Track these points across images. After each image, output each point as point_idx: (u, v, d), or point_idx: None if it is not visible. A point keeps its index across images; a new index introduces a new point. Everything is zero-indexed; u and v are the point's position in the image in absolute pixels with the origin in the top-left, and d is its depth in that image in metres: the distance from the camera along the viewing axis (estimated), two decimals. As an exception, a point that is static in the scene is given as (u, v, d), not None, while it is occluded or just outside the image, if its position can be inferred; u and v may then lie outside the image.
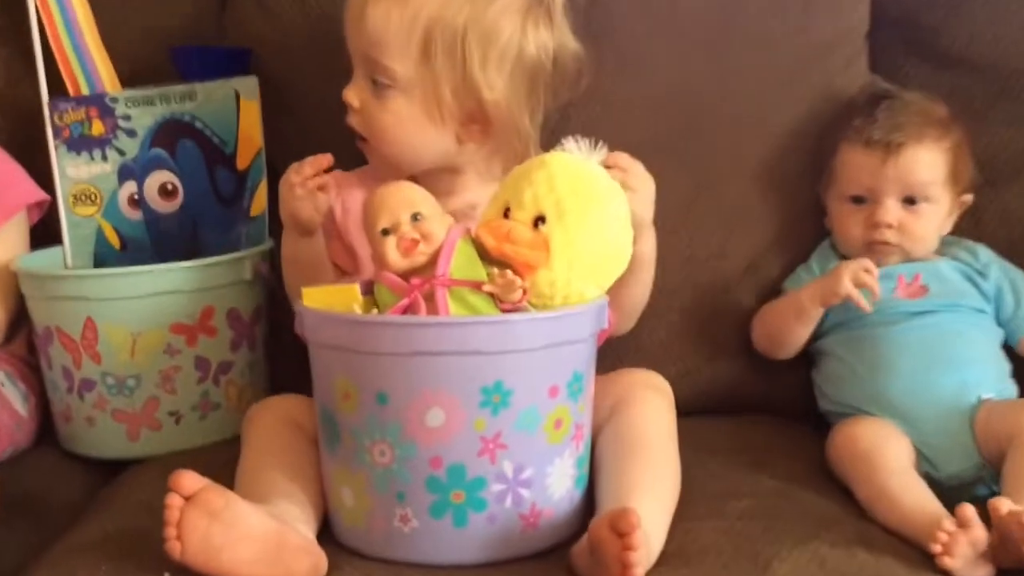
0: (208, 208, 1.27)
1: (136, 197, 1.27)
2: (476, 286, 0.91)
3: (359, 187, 1.14)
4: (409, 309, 0.90)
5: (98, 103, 1.25)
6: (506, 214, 0.94)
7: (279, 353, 1.27)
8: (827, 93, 1.30)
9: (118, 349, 1.12)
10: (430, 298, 0.91)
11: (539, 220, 0.92)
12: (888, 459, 1.04)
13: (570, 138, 0.96)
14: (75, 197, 1.25)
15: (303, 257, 1.10)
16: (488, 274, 0.92)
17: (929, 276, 1.20)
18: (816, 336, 1.23)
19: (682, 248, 1.25)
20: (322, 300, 0.94)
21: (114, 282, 1.12)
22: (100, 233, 1.26)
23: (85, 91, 1.26)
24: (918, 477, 1.03)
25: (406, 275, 0.93)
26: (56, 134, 1.24)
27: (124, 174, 1.26)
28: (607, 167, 1.00)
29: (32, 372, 1.23)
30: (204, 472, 1.10)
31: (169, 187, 1.27)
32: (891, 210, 1.19)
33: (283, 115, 1.29)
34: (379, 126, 1.07)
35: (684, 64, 1.29)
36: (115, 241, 1.27)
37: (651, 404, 1.02)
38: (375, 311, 0.91)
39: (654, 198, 1.06)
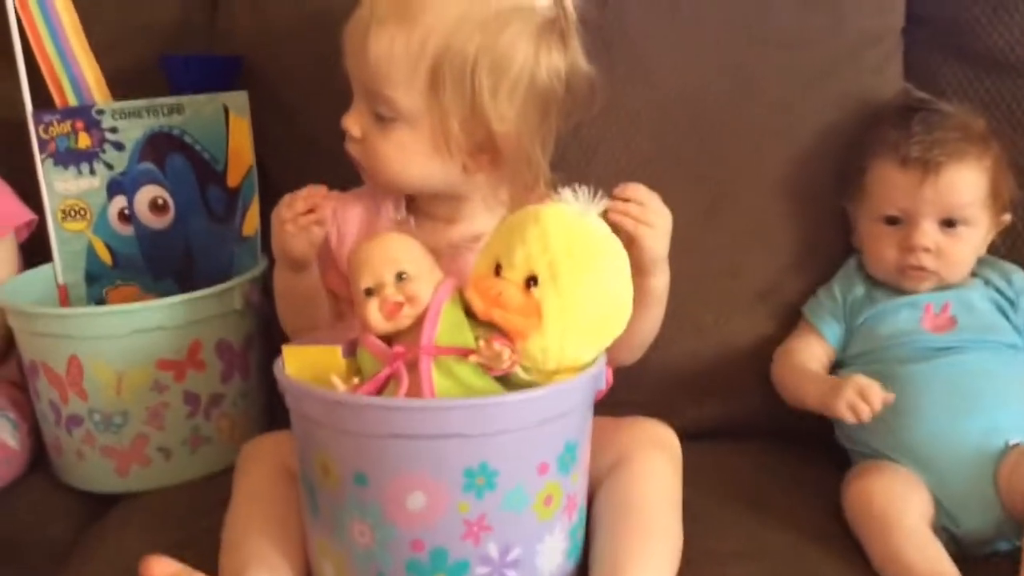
0: (200, 225, 1.23)
1: (127, 212, 1.22)
2: (463, 354, 0.85)
3: (356, 210, 1.08)
4: (391, 379, 0.85)
5: (84, 116, 1.19)
6: (497, 270, 0.88)
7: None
8: (858, 98, 1.21)
9: (104, 386, 1.09)
10: (414, 367, 0.85)
11: (531, 280, 0.86)
12: (904, 518, 0.98)
13: (568, 189, 0.89)
14: (64, 212, 1.21)
15: (296, 292, 1.05)
16: (476, 339, 0.87)
17: (959, 306, 1.12)
18: (837, 363, 1.17)
19: (693, 268, 1.17)
20: (303, 362, 0.90)
21: (97, 320, 1.08)
22: (91, 249, 1.23)
23: (72, 100, 1.21)
24: (934, 539, 0.97)
25: (390, 338, 0.89)
26: (42, 148, 1.19)
27: (114, 189, 1.22)
28: (623, 199, 0.95)
29: (24, 396, 1.20)
30: (192, 512, 1.10)
31: (160, 202, 1.22)
32: (928, 233, 1.11)
33: (277, 122, 1.23)
34: (382, 157, 1.00)
35: (698, 68, 1.20)
36: (106, 257, 1.23)
37: (654, 466, 0.96)
38: (356, 379, 0.86)
39: (671, 231, 0.99)
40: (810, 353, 1.17)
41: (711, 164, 1.19)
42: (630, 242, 0.93)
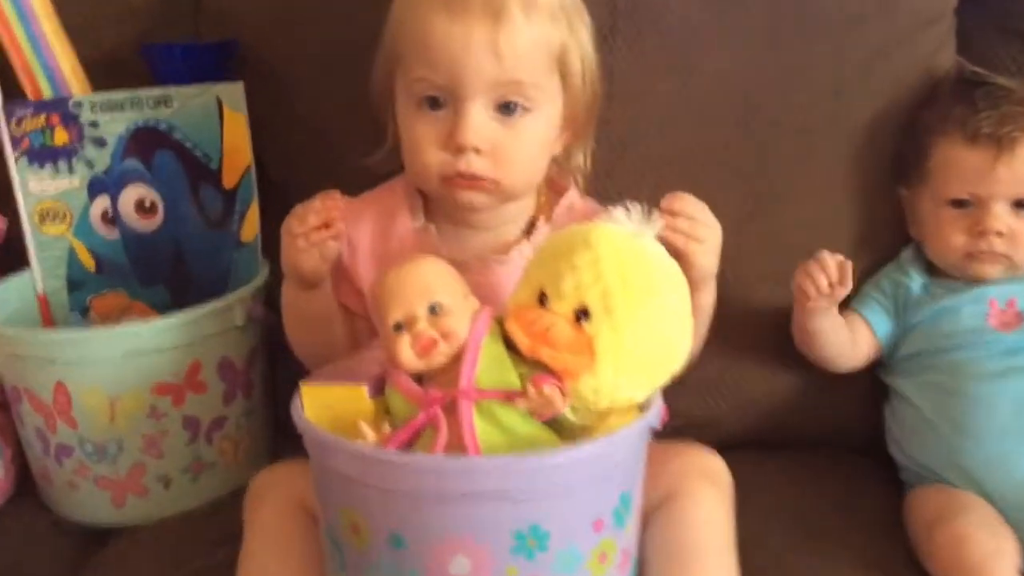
0: (192, 229, 1.12)
1: (110, 214, 1.12)
2: (507, 398, 0.76)
3: (367, 217, 0.98)
4: (427, 426, 0.76)
5: (60, 108, 1.09)
6: (541, 299, 0.79)
7: (280, 388, 1.13)
8: (912, 84, 1.12)
9: (95, 414, 0.99)
10: (452, 410, 0.76)
11: (581, 313, 0.77)
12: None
13: (619, 207, 0.80)
14: (41, 215, 1.11)
15: (307, 310, 0.96)
16: (520, 377, 0.78)
17: None
18: (888, 368, 1.09)
19: (736, 272, 1.07)
20: (324, 402, 0.80)
21: (85, 344, 0.98)
22: (72, 254, 1.13)
23: (47, 92, 1.10)
24: None
25: (420, 375, 0.80)
26: (14, 145, 1.08)
27: (95, 188, 1.12)
28: (671, 213, 0.86)
29: (6, 416, 1.09)
30: (196, 546, 1.01)
31: (147, 203, 1.12)
32: (1001, 216, 1.02)
33: (277, 115, 1.13)
34: (521, 156, 0.90)
35: (740, 54, 1.09)
36: (89, 262, 1.13)
37: (706, 502, 0.88)
38: (387, 427, 0.77)
39: (720, 245, 0.91)
40: (853, 333, 1.09)
41: (755, 159, 1.10)
42: (678, 259, 0.84)
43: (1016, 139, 1.01)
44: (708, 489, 0.90)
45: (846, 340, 1.08)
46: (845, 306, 1.10)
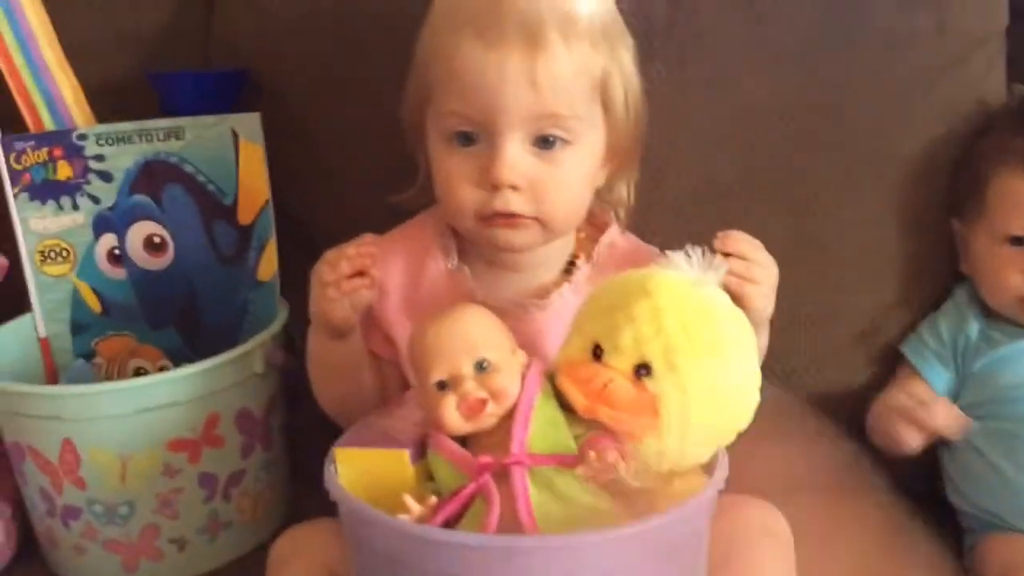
0: (205, 267, 1.05)
1: (117, 252, 1.05)
2: (564, 464, 0.70)
3: (399, 258, 0.91)
4: (477, 495, 0.70)
5: (63, 141, 1.02)
6: (595, 352, 0.73)
7: (300, 432, 1.07)
8: (964, 108, 1.06)
9: (105, 474, 0.91)
10: (503, 477, 0.70)
11: (642, 368, 0.70)
12: None
13: (679, 252, 0.73)
14: (43, 254, 1.04)
15: (335, 360, 0.89)
16: (576, 439, 0.71)
17: None
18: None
19: (783, 309, 1.02)
20: (361, 468, 0.74)
21: (95, 400, 0.90)
22: (76, 295, 1.06)
23: (48, 123, 1.03)
24: None
25: (464, 437, 0.73)
26: (14, 180, 1.02)
27: (101, 226, 1.05)
28: (724, 254, 0.79)
29: (6, 472, 1.02)
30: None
31: (156, 240, 1.05)
32: None
33: (293, 147, 1.06)
34: (562, 191, 0.84)
35: (784, 77, 1.04)
36: (95, 304, 1.06)
37: (769, 561, 0.82)
38: (433, 498, 0.70)
39: (776, 286, 0.84)
40: (909, 397, 1.03)
41: (801, 187, 1.04)
42: (732, 300, 0.78)
43: None
44: (770, 548, 0.83)
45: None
46: (899, 357, 1.06)
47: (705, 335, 0.70)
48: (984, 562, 0.94)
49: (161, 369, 1.05)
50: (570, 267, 0.91)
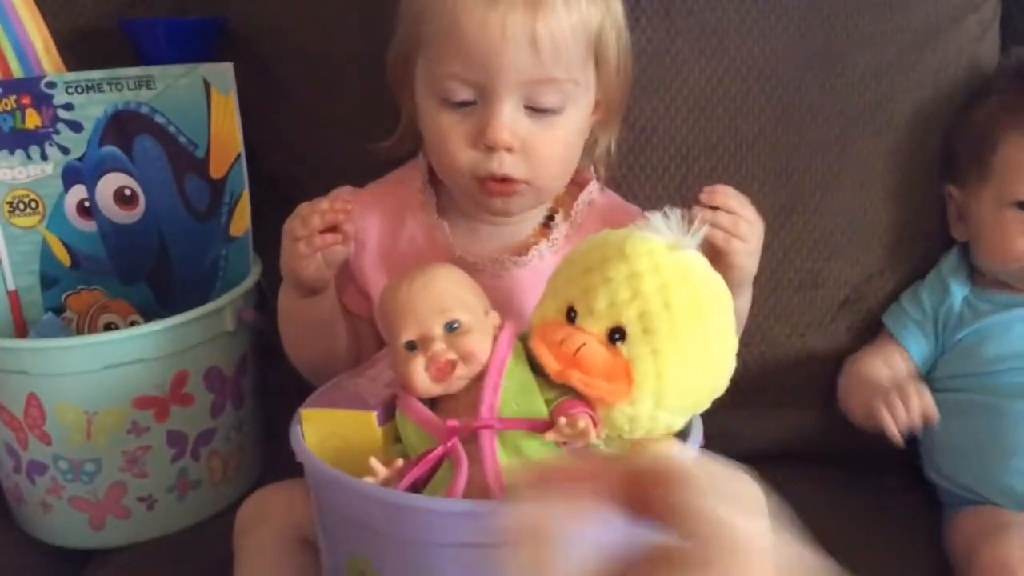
0: (177, 221, 1.03)
1: (87, 204, 1.02)
2: (535, 429, 0.68)
3: (378, 211, 0.89)
4: (445, 459, 0.68)
5: (32, 89, 0.99)
6: (570, 315, 0.71)
7: (272, 392, 1.05)
8: (956, 72, 1.04)
9: (71, 430, 0.90)
10: (471, 441, 0.68)
11: (616, 333, 0.68)
12: None
13: (657, 213, 0.71)
14: (11, 205, 1.01)
15: (307, 317, 0.87)
16: (547, 403, 0.69)
17: None
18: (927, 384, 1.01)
19: (767, 276, 1.01)
20: (328, 429, 0.72)
21: (62, 355, 0.88)
22: (46, 247, 1.03)
23: (16, 70, 1.00)
24: None
25: (434, 399, 0.71)
26: (-20, 129, 0.98)
27: (70, 177, 1.02)
28: (711, 207, 0.79)
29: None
30: (180, 573, 0.93)
31: (127, 192, 1.03)
32: None
33: (268, 99, 1.03)
34: (550, 155, 0.83)
35: (775, 37, 1.00)
36: (64, 257, 1.03)
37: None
38: (399, 461, 0.68)
39: (761, 245, 0.83)
40: (887, 364, 1.01)
41: (788, 152, 1.01)
42: (716, 258, 0.76)
43: None
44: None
45: None
46: (880, 326, 1.04)
47: (682, 300, 0.68)
48: (954, 535, 0.93)
49: (132, 324, 1.03)
50: (548, 221, 0.90)
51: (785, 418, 1.05)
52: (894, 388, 0.95)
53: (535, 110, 0.80)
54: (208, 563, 0.89)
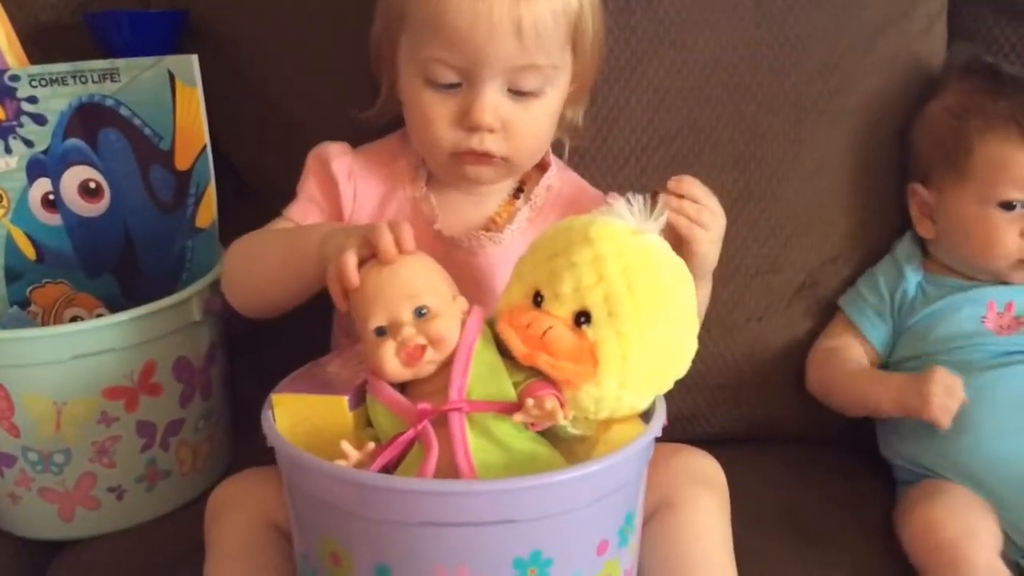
0: (143, 213, 1.03)
1: (52, 197, 1.02)
2: (503, 410, 0.70)
3: (379, 179, 0.92)
4: (415, 442, 0.70)
5: (-6, 82, 0.98)
6: (536, 299, 0.72)
7: (242, 382, 1.06)
8: (905, 62, 1.07)
9: (39, 421, 0.90)
10: (441, 424, 0.70)
11: (581, 316, 0.70)
12: (977, 554, 0.87)
13: (619, 197, 0.73)
14: (-26, 199, 1.01)
15: (297, 274, 0.83)
16: (515, 386, 0.71)
17: None
18: (882, 367, 1.05)
19: (725, 262, 1.02)
20: (299, 414, 0.73)
21: (30, 346, 0.88)
22: (10, 241, 1.03)
23: (-23, 64, 1.00)
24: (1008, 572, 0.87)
25: (405, 384, 0.73)
26: (-57, 123, 0.98)
27: (35, 170, 1.02)
28: (677, 195, 0.81)
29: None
30: (151, 562, 0.93)
31: (92, 185, 1.03)
32: None
33: (232, 90, 1.04)
34: (531, 135, 0.87)
35: (732, 31, 1.04)
36: (29, 251, 1.03)
37: (702, 509, 0.83)
38: (370, 444, 0.70)
39: (723, 236, 0.86)
40: (852, 355, 1.04)
41: (745, 141, 1.04)
42: (679, 245, 0.79)
43: None
44: (705, 495, 0.85)
45: None
46: (837, 308, 1.07)
47: (645, 284, 0.70)
48: (902, 504, 0.96)
49: (98, 317, 1.03)
50: (517, 193, 0.93)
51: (746, 402, 1.08)
52: (939, 385, 0.93)
53: (517, 93, 0.84)
54: (178, 553, 0.90)
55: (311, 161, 0.93)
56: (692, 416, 1.04)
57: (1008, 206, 0.98)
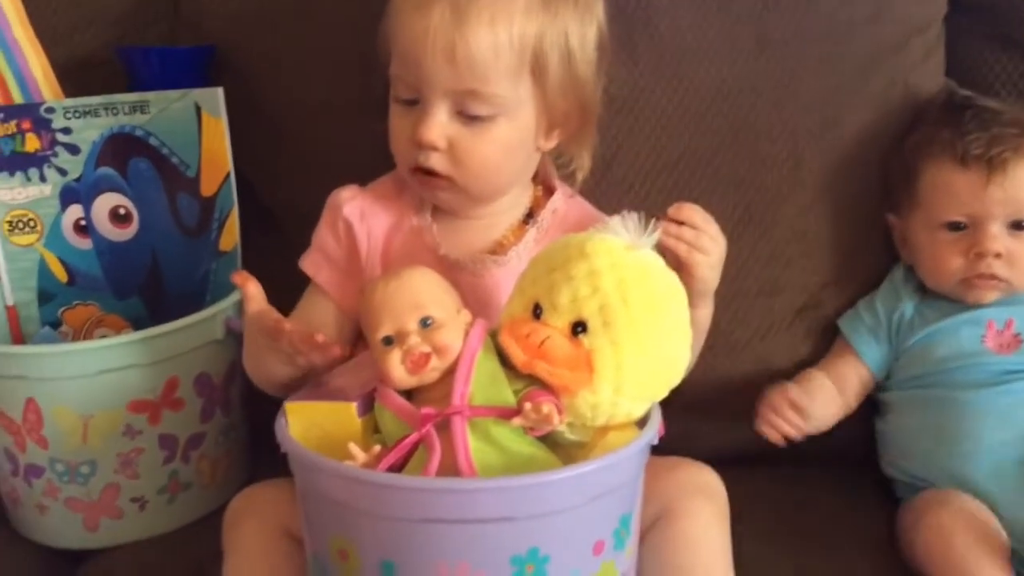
0: (169, 238, 1.08)
1: (83, 223, 1.08)
2: (503, 415, 0.73)
3: (383, 213, 0.95)
4: (420, 445, 0.73)
5: (32, 114, 1.05)
6: (535, 311, 0.76)
7: (258, 404, 1.09)
8: (902, 94, 1.11)
9: (67, 433, 0.94)
10: (444, 428, 0.73)
11: (578, 326, 0.74)
12: (992, 562, 0.90)
13: (616, 217, 0.77)
14: (10, 224, 1.07)
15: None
16: (515, 393, 0.75)
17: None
18: (881, 388, 1.07)
19: (728, 283, 1.05)
20: (311, 420, 0.77)
21: (59, 360, 0.93)
22: (43, 265, 1.08)
23: (17, 97, 1.06)
24: None
25: (410, 391, 0.77)
26: (-17, 152, 1.04)
27: (68, 197, 1.07)
28: (677, 222, 0.84)
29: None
30: (172, 571, 0.97)
31: (121, 211, 1.08)
32: (998, 237, 1.01)
33: (253, 122, 1.09)
34: (477, 160, 0.88)
35: (731, 63, 1.08)
36: (61, 274, 1.09)
37: (703, 519, 0.85)
38: (377, 447, 0.74)
39: (723, 260, 0.89)
40: (839, 376, 1.07)
41: (745, 168, 1.08)
42: (679, 270, 0.82)
43: (1007, 160, 1.00)
44: (704, 505, 0.87)
45: (837, 407, 1.07)
46: (837, 332, 1.10)
47: (638, 295, 0.74)
48: (905, 512, 0.98)
49: (125, 336, 1.08)
50: (527, 219, 0.96)
51: (748, 419, 1.10)
52: (767, 407, 1.03)
53: (468, 116, 0.86)
54: (197, 562, 0.94)
55: (326, 211, 0.96)
56: (694, 434, 1.06)
57: (953, 227, 1.03)
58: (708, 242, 0.85)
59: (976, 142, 1.01)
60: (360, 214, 0.94)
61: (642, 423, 0.78)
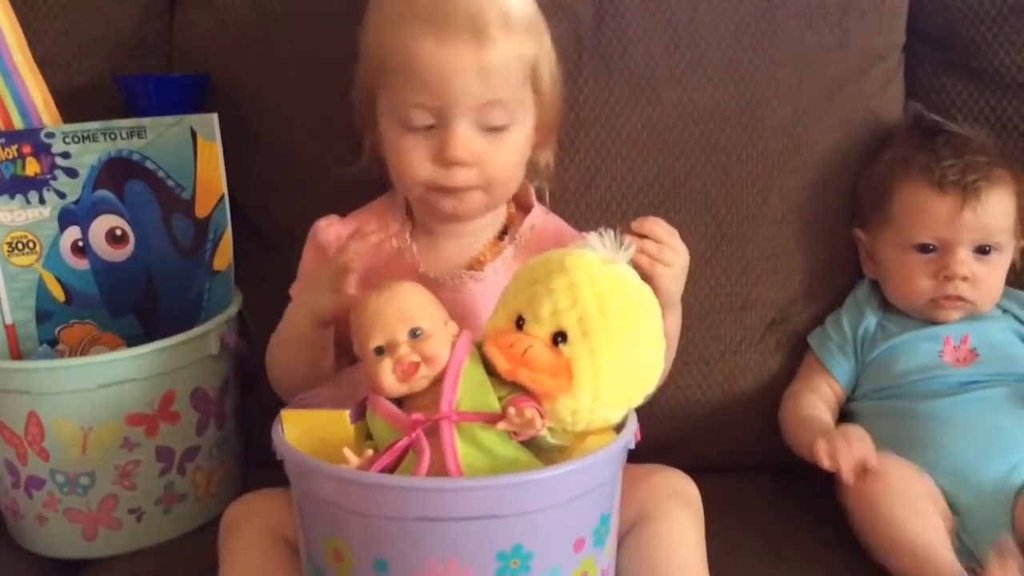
0: (164, 258, 1.12)
1: (81, 244, 1.11)
2: (488, 420, 0.77)
3: (379, 230, 0.98)
4: (409, 450, 0.78)
5: (32, 139, 1.08)
6: (518, 323, 0.81)
7: (252, 418, 1.14)
8: (864, 118, 1.17)
9: (68, 445, 0.98)
10: (433, 433, 0.77)
11: (559, 336, 0.79)
12: (925, 513, 0.95)
13: (593, 233, 0.82)
14: (10, 245, 1.10)
15: (315, 343, 0.95)
16: (500, 399, 0.79)
17: (979, 338, 1.08)
18: (851, 397, 1.12)
19: (701, 299, 1.12)
20: (305, 428, 0.81)
21: (60, 375, 0.97)
22: (42, 285, 1.12)
23: (17, 122, 1.09)
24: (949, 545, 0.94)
25: (401, 399, 0.81)
26: (-16, 176, 1.07)
27: (66, 219, 1.11)
28: (639, 235, 0.89)
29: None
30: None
31: (118, 232, 1.12)
32: (965, 261, 1.07)
33: (246, 146, 1.13)
34: (504, 168, 0.96)
35: (702, 88, 1.13)
36: (59, 293, 1.12)
37: (678, 522, 0.90)
38: (369, 451, 0.78)
39: (687, 271, 0.94)
40: (819, 396, 1.12)
41: (717, 189, 1.13)
42: (643, 280, 0.87)
43: (981, 188, 1.06)
44: (680, 510, 0.92)
45: None
46: (805, 346, 1.15)
47: (616, 307, 0.79)
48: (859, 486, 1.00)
49: (121, 354, 1.12)
50: (502, 235, 1.01)
51: (722, 431, 1.15)
52: (838, 433, 1.01)
53: (488, 128, 0.92)
54: (192, 572, 0.96)
55: (308, 240, 1.01)
56: (669, 445, 1.10)
57: (923, 249, 1.08)
58: (670, 255, 0.90)
59: (952, 168, 1.06)
60: (336, 240, 0.99)
61: (619, 429, 0.83)
